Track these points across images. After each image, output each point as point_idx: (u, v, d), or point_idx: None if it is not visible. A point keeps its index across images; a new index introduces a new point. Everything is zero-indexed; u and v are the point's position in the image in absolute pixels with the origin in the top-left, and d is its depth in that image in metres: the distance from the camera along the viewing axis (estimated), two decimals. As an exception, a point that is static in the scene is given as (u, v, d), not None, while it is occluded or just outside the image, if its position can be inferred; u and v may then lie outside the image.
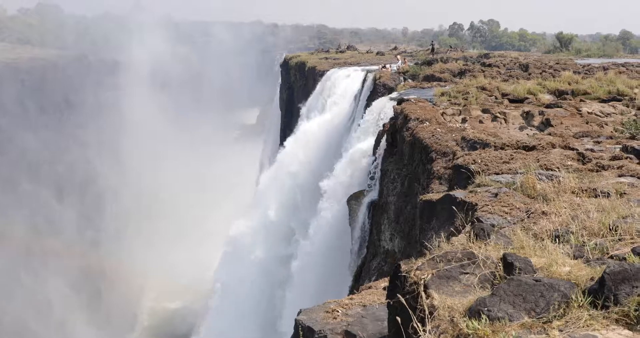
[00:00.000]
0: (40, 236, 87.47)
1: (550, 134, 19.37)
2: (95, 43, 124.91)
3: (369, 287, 10.53)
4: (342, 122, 41.85)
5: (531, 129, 21.96)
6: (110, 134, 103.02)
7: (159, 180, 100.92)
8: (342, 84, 47.19)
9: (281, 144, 57.86)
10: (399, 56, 57.57)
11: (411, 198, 20.40)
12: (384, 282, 10.52)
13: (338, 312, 8.74)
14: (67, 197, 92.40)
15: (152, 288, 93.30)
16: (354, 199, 27.49)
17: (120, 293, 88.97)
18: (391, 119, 25.85)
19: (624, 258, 6.56)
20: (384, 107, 30.31)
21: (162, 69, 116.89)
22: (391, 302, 6.80)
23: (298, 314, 8.95)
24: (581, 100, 25.59)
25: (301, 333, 8.52)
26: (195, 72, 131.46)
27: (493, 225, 8.87)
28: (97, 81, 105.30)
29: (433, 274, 6.42)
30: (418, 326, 5.77)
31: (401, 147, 22.98)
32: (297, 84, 69.94)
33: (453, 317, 5.66)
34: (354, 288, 22.15)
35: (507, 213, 9.84)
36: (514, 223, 9.16)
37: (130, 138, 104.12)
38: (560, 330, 5.28)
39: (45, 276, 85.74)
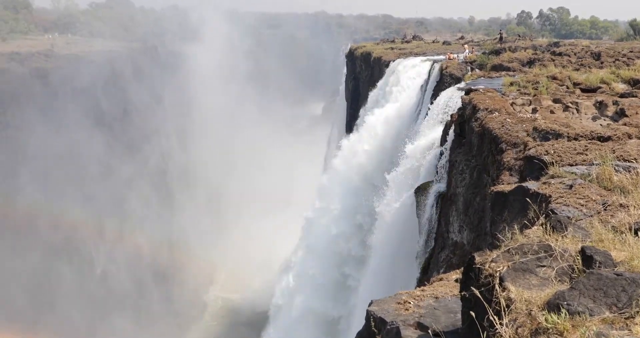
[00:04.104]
0: (114, 226, 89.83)
1: (625, 124, 18.79)
2: (164, 35, 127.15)
3: (440, 279, 10.46)
4: (409, 112, 41.61)
5: (605, 120, 21.37)
6: (179, 127, 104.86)
7: (228, 172, 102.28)
8: (408, 74, 46.86)
9: (347, 134, 57.87)
10: (466, 46, 56.79)
11: (480, 190, 20.14)
12: (456, 274, 10.44)
13: (410, 303, 8.72)
14: (137, 189, 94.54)
15: (220, 278, 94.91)
16: (421, 190, 27.29)
17: (190, 283, 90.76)
18: (459, 109, 25.54)
19: None
20: (451, 98, 29.96)
21: (229, 61, 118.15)
22: (465, 294, 6.75)
23: (369, 305, 8.97)
24: (658, 89, 24.75)
25: (373, 324, 8.53)
26: (261, 64, 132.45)
27: (569, 217, 8.69)
28: (166, 73, 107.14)
29: (509, 266, 6.34)
30: (494, 319, 5.72)
31: (470, 138, 22.69)
32: (362, 74, 69.79)
33: (531, 310, 5.59)
34: (422, 280, 22.05)
35: (582, 205, 9.62)
36: (591, 216, 8.95)
37: (199, 130, 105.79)
38: (644, 326, 5.16)
39: (119, 265, 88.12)
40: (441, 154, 26.73)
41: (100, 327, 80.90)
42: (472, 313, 6.20)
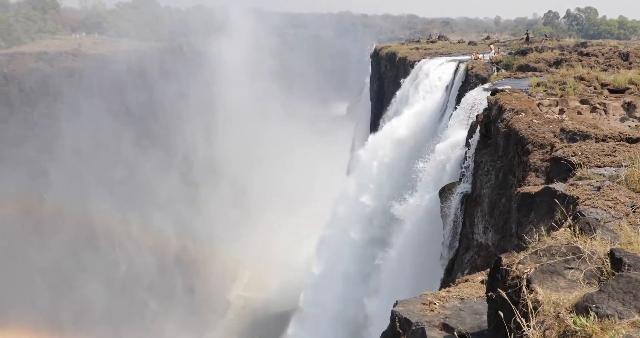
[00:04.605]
0: (140, 221, 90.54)
1: (654, 125, 18.59)
2: (190, 35, 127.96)
3: (466, 280, 10.42)
4: (434, 113, 41.47)
5: (633, 121, 21.16)
6: (205, 125, 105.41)
7: (252, 169, 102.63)
8: (434, 74, 46.66)
9: (371, 134, 57.79)
10: (492, 46, 56.43)
11: (506, 191, 20.01)
12: (481, 275, 10.39)
13: (435, 304, 8.70)
14: (162, 185, 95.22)
15: (244, 277, 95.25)
16: (446, 191, 27.16)
17: (214, 281, 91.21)
18: (485, 110, 25.39)
19: None
20: (477, 98, 29.79)
21: (254, 60, 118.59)
22: (492, 296, 6.72)
23: (395, 305, 8.96)
24: (688, 90, 24.42)
25: (398, 324, 8.53)
26: (286, 63, 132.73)
27: (597, 220, 8.61)
28: (192, 72, 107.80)
29: (536, 268, 6.31)
30: (522, 321, 5.69)
31: (495, 138, 22.54)
32: (387, 74, 69.58)
33: (559, 312, 5.55)
34: (447, 281, 21.95)
35: (611, 207, 9.53)
36: (619, 218, 8.86)
37: (224, 127, 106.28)
38: (675, 331, 5.10)
39: (143, 261, 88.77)
40: (466, 155, 26.59)
41: (123, 321, 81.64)
42: (500, 314, 6.17)
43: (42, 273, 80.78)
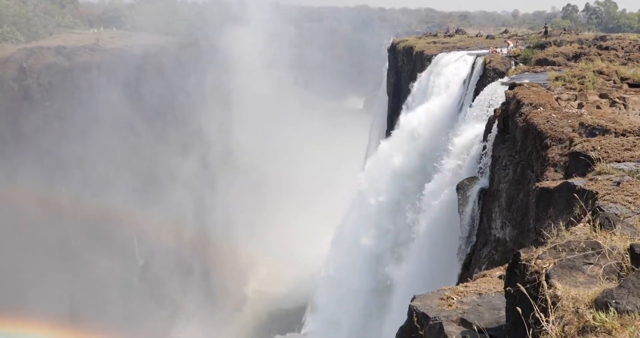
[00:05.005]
0: (157, 216, 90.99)
1: (675, 120, 18.41)
2: (206, 29, 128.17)
3: (484, 275, 10.39)
4: (451, 107, 41.26)
5: (653, 115, 20.96)
6: (222, 119, 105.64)
7: (269, 164, 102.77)
8: (451, 68, 46.40)
9: (388, 129, 57.65)
10: (509, 40, 56.00)
11: (524, 186, 19.92)
12: (499, 271, 10.35)
13: (453, 299, 8.68)
14: (179, 179, 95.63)
15: (260, 273, 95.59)
16: (463, 186, 27.05)
17: (230, 276, 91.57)
18: (503, 104, 25.26)
19: None
20: (494, 92, 29.64)
21: (270, 54, 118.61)
22: (510, 291, 6.69)
23: (412, 300, 8.95)
24: None
25: (415, 319, 8.52)
26: (303, 58, 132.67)
27: (616, 215, 8.54)
28: (208, 65, 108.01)
29: (555, 263, 6.28)
30: (540, 316, 5.66)
31: (513, 133, 22.43)
32: (404, 68, 69.27)
33: (578, 308, 5.53)
34: (464, 276, 21.90)
35: (630, 202, 9.44)
36: (639, 213, 8.78)
37: (239, 122, 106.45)
38: (696, 327, 5.06)
39: (161, 256, 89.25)
40: (484, 149, 26.46)
41: (139, 315, 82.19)
42: (519, 309, 6.15)
43: (60, 263, 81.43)
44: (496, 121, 25.23)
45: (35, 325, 75.19)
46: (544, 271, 6.19)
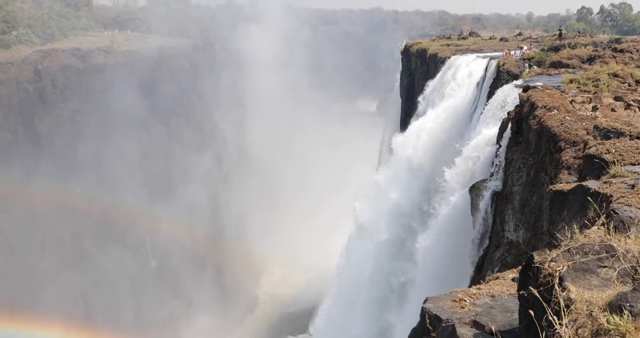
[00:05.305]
0: (171, 216, 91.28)
1: (690, 123, 18.25)
2: (220, 31, 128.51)
3: (497, 278, 10.35)
4: (465, 109, 41.14)
5: (669, 118, 20.81)
6: (236, 121, 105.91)
7: (282, 165, 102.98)
8: (464, 70, 46.29)
9: (401, 131, 57.54)
10: (523, 44, 55.79)
11: (537, 188, 19.84)
12: (512, 273, 10.32)
13: (466, 301, 8.65)
14: (193, 179, 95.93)
15: (273, 273, 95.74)
16: (476, 188, 26.98)
17: (243, 277, 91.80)
18: (516, 106, 25.18)
19: None
20: (508, 95, 29.57)
21: (283, 57, 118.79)
22: (523, 294, 6.67)
23: (425, 302, 8.93)
24: None
25: (428, 321, 8.50)
26: (316, 60, 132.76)
27: (631, 218, 8.49)
28: (222, 68, 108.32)
29: (569, 266, 6.25)
30: (554, 319, 5.64)
31: (527, 135, 22.35)
32: (418, 71, 69.13)
33: (592, 311, 5.50)
34: (476, 279, 21.83)
35: (645, 205, 9.38)
36: (654, 217, 8.72)
37: (253, 124, 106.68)
38: None
39: (175, 256, 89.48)
40: (497, 152, 26.39)
41: (151, 314, 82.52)
42: (531, 312, 6.12)
43: (74, 263, 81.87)
44: (510, 124, 25.15)
45: (50, 323, 75.65)
46: (557, 274, 6.17)
